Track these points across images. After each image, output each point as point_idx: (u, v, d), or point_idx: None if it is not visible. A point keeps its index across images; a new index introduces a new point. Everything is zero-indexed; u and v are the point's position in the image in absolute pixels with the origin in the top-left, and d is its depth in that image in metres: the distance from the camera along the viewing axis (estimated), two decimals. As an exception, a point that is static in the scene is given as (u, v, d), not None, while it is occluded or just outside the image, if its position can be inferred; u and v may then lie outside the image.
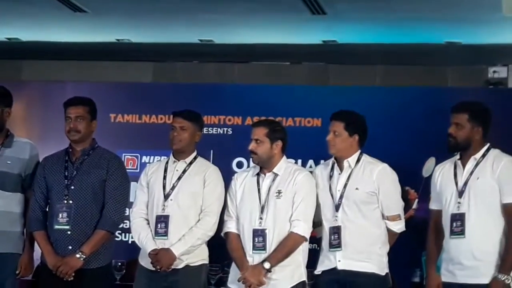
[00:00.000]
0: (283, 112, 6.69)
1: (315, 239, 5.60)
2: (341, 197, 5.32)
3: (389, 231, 5.37)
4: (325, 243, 5.37)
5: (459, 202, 5.08)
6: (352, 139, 5.37)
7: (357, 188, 5.30)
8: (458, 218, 5.06)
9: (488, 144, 5.16)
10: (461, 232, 5.04)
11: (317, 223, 5.43)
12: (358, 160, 5.37)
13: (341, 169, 5.38)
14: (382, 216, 5.35)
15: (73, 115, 5.54)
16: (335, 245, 5.29)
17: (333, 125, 5.39)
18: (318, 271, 5.39)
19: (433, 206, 5.30)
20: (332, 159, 5.43)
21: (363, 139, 5.40)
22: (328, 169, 5.44)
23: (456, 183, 5.13)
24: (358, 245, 5.27)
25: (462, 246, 5.03)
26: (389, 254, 5.30)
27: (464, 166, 5.15)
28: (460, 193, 5.09)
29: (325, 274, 5.34)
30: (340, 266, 5.28)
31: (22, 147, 5.70)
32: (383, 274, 5.31)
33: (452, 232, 5.07)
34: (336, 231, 5.30)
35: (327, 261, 5.34)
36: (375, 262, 5.29)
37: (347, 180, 5.34)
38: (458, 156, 5.21)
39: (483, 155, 5.13)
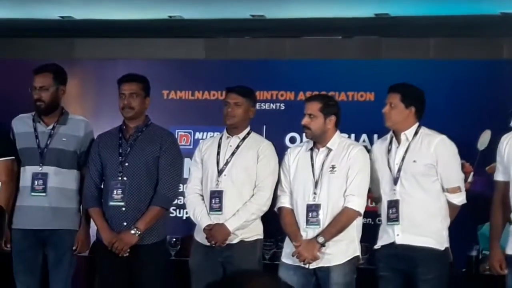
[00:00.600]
0: (336, 86, 6.65)
1: (369, 214, 5.57)
2: (399, 170, 5.26)
3: (449, 204, 5.30)
4: (383, 217, 5.33)
5: None
6: (409, 111, 5.30)
7: (414, 161, 5.24)
8: None
9: None
10: None
11: (378, 198, 5.40)
12: (416, 133, 5.31)
13: (398, 142, 5.32)
14: (442, 189, 5.28)
15: (127, 91, 5.56)
16: (393, 219, 5.24)
17: (390, 97, 5.33)
18: (377, 245, 5.35)
19: (499, 177, 5.17)
20: (390, 133, 5.38)
21: (420, 112, 5.33)
22: (386, 143, 5.38)
23: None
24: (417, 219, 5.21)
25: None
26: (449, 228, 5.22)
27: None
28: None
29: (384, 249, 5.31)
30: (399, 241, 5.23)
31: (77, 125, 5.75)
32: (443, 248, 5.24)
33: None
34: (394, 204, 5.25)
35: (385, 236, 5.30)
36: (434, 237, 5.22)
37: (405, 153, 5.27)
38: None
39: None
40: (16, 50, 8.02)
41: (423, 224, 5.21)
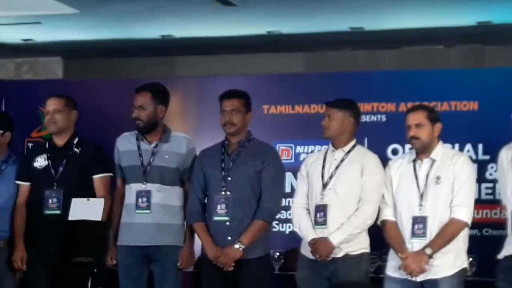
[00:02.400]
0: (438, 96, 6.56)
1: (475, 225, 5.46)
2: None
3: None
4: (509, 227, 5.21)
5: None
6: None
7: None
8: None
9: None
10: None
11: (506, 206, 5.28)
12: None
13: None
14: None
15: (228, 108, 5.60)
16: None
17: None
18: (500, 255, 5.23)
19: None
20: None
21: None
22: None
23: None
24: None
25: None
26: None
27: None
28: None
29: (507, 260, 5.19)
30: None
31: (179, 142, 5.81)
32: None
33: None
34: None
35: (509, 247, 5.18)
36: None
37: None
38: None
39: None
40: (119, 70, 8.19)
41: None
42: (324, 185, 5.48)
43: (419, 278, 5.19)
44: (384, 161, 5.70)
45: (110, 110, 6.89)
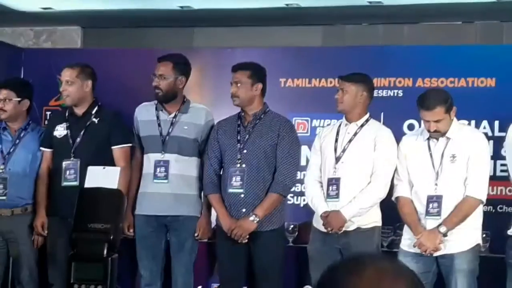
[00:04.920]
0: (455, 72, 6.53)
1: (490, 201, 5.48)
2: None
3: None
4: None
5: None
6: None
7: None
8: None
9: None
10: None
11: None
12: None
13: None
14: None
15: (233, 80, 5.64)
16: None
17: None
18: (510, 231, 5.25)
19: None
20: None
21: None
22: None
23: None
24: None
25: None
26: None
27: None
28: None
29: None
30: None
31: (198, 113, 5.84)
32: None
33: None
34: None
35: None
36: None
37: None
38: None
39: None
40: (137, 40, 8.19)
41: None
42: (337, 159, 5.50)
43: (434, 254, 5.22)
44: (400, 136, 5.72)
45: (128, 80, 6.90)
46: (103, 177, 5.34)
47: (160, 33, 8.14)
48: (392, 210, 5.49)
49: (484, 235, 5.56)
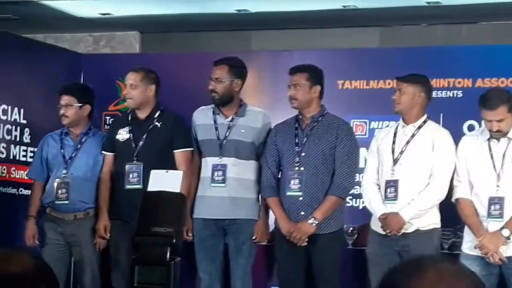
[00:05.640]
0: (515, 72, 6.46)
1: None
2: None
3: None
4: None
5: None
6: None
7: None
8: None
9: None
10: None
11: None
12: None
13: None
14: None
15: (291, 83, 5.64)
16: None
17: None
18: None
19: None
20: None
21: None
22: None
23: None
24: None
25: None
26: None
27: None
28: None
29: None
30: None
31: (255, 116, 5.85)
32: None
33: None
34: None
35: None
36: None
37: None
38: None
39: None
40: (195, 44, 8.25)
41: None
42: (395, 161, 5.47)
43: (497, 260, 5.14)
44: (460, 137, 5.66)
45: (187, 84, 6.94)
46: (166, 181, 5.37)
47: (218, 36, 8.18)
48: (452, 212, 5.44)
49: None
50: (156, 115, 5.99)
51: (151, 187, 5.37)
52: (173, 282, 5.15)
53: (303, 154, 5.58)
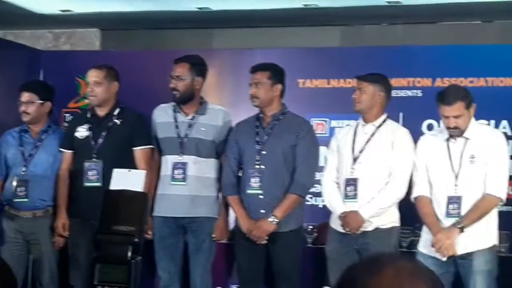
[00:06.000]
0: (474, 72, 6.52)
1: (509, 201, 5.46)
2: None
3: None
4: None
5: None
6: None
7: None
8: None
9: None
10: None
11: None
12: None
13: None
14: None
15: (252, 81, 5.64)
16: None
17: None
18: None
19: None
20: None
21: None
22: None
23: None
24: None
25: None
26: None
27: None
28: None
29: None
30: None
31: (216, 114, 5.85)
32: None
33: None
34: None
35: None
36: None
37: None
38: None
39: None
40: (155, 42, 8.22)
41: None
42: (355, 159, 5.49)
43: (449, 256, 5.18)
44: (420, 136, 5.70)
45: (147, 82, 6.92)
46: (128, 180, 5.34)
47: (179, 34, 8.16)
48: (411, 211, 5.48)
49: (504, 235, 5.53)
50: (116, 113, 5.96)
51: (113, 186, 5.35)
52: (134, 280, 5.12)
53: (263, 152, 5.59)
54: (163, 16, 7.95)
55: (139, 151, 5.88)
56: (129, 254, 5.09)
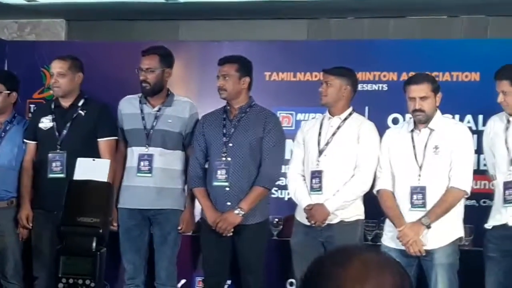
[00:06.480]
0: (439, 66, 6.55)
1: (473, 195, 5.50)
2: None
3: None
4: (497, 197, 5.25)
5: None
6: None
7: None
8: None
9: None
10: None
11: (493, 176, 5.32)
12: None
13: None
14: None
15: (220, 73, 5.63)
16: (510, 200, 5.15)
17: (499, 85, 5.24)
18: (488, 225, 5.28)
19: None
20: (504, 113, 5.29)
21: None
22: (504, 121, 5.29)
23: None
24: None
25: None
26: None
27: None
28: None
29: (495, 230, 5.24)
30: None
31: (182, 106, 5.84)
32: None
33: None
34: (510, 186, 5.16)
35: (498, 216, 5.23)
36: None
37: None
38: None
39: None
40: (122, 33, 8.16)
41: None
42: (320, 152, 5.51)
43: (416, 251, 5.20)
44: (385, 130, 5.73)
45: (113, 73, 6.88)
46: (92, 170, 5.29)
47: (145, 26, 8.12)
48: (376, 204, 5.50)
49: (468, 229, 5.57)
50: (80, 103, 5.94)
51: (77, 176, 5.29)
52: (99, 272, 5.10)
53: (230, 144, 5.59)
54: (129, 7, 7.90)
55: (104, 142, 5.85)
56: (94, 245, 5.07)
